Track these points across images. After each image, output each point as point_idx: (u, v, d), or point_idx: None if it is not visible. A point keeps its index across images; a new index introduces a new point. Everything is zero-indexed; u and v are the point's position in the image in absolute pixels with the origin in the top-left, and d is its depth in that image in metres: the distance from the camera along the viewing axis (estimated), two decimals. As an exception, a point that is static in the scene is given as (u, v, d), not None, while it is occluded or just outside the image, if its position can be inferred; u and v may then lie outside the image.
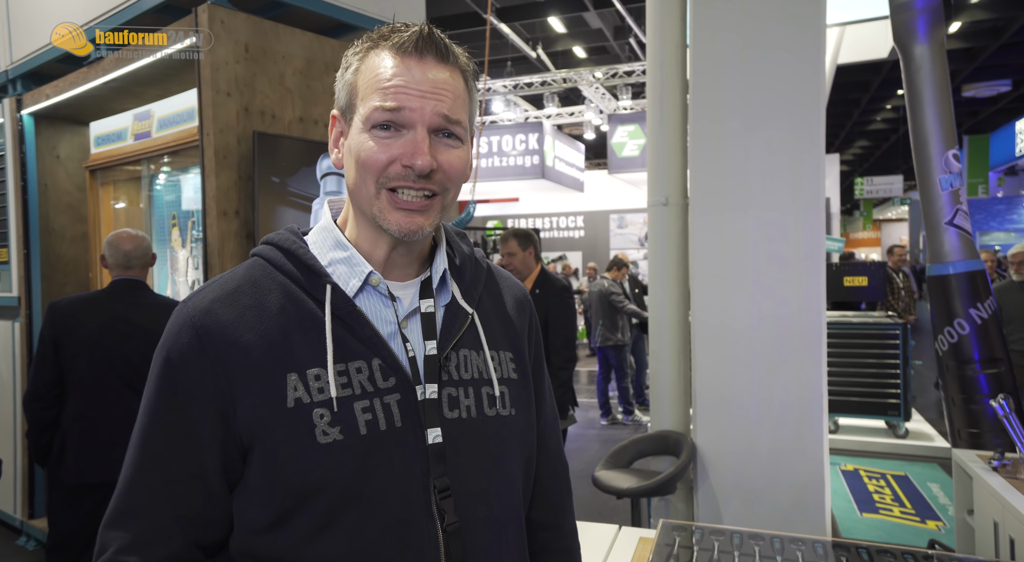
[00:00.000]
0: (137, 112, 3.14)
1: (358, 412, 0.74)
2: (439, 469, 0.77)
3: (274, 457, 0.72)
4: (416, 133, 0.74)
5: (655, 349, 3.01)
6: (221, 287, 0.77)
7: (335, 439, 0.72)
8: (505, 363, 0.87)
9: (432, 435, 0.77)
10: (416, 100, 0.73)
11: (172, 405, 0.73)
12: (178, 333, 0.75)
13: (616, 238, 13.88)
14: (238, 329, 0.74)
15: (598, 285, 6.46)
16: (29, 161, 3.54)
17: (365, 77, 0.76)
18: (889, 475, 4.73)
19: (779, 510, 2.62)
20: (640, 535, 1.53)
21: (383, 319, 0.80)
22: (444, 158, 0.76)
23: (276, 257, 0.80)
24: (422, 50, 0.74)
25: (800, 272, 2.56)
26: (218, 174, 2.34)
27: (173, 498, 0.73)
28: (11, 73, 3.56)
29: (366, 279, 0.79)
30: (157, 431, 0.74)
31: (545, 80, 11.98)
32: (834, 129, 18.40)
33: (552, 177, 11.54)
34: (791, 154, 2.56)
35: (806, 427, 2.59)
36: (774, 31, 2.55)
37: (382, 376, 0.76)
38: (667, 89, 2.88)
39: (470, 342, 0.84)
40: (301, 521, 0.72)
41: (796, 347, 2.58)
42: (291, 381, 0.73)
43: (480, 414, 0.81)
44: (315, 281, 0.78)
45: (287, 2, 2.58)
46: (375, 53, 0.76)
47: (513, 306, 0.93)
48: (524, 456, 0.88)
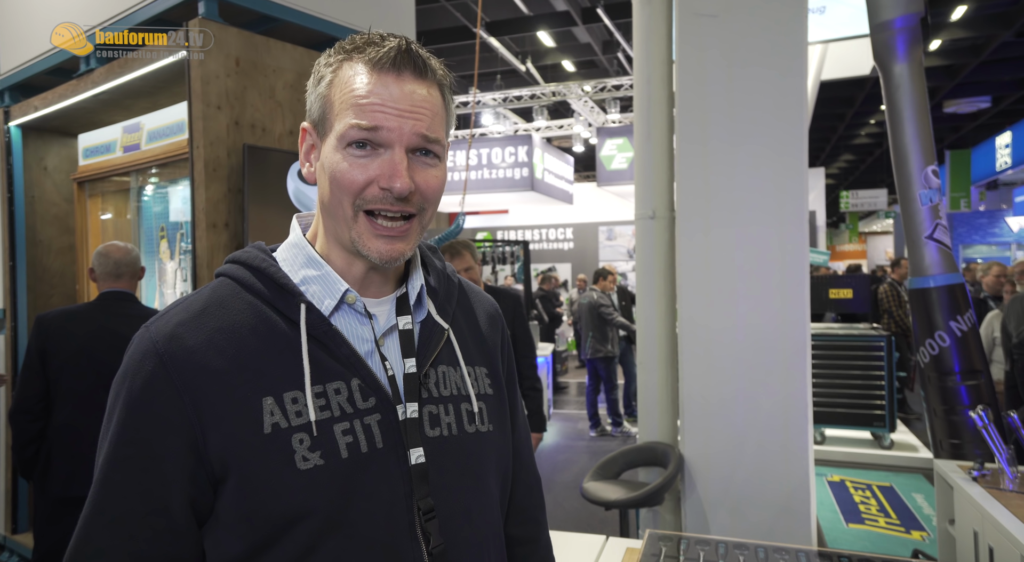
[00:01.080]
0: (126, 124, 3.14)
1: (338, 435, 0.71)
2: (423, 490, 0.74)
3: (250, 486, 0.68)
4: (394, 154, 0.71)
5: (643, 360, 3.04)
6: (186, 309, 0.73)
7: (316, 464, 0.69)
8: (481, 378, 0.86)
9: (415, 455, 0.75)
10: (394, 119, 0.70)
11: (133, 439, 0.69)
12: (140, 361, 0.70)
13: (605, 250, 13.96)
14: (207, 354, 0.69)
15: (587, 297, 6.48)
16: (16, 173, 3.52)
17: (340, 91, 0.72)
18: (875, 486, 4.76)
19: (765, 520, 2.64)
20: (627, 546, 1.54)
21: (360, 337, 0.77)
22: (421, 178, 0.73)
23: (244, 276, 0.76)
24: (400, 66, 0.71)
25: (784, 284, 2.60)
26: (208, 186, 2.34)
27: (132, 538, 0.68)
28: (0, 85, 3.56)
29: (342, 297, 0.76)
30: (116, 466, 0.69)
31: (534, 93, 12.07)
32: (819, 143, 18.63)
33: (541, 189, 11.60)
34: (775, 168, 2.61)
35: (791, 437, 2.62)
36: (758, 48, 2.61)
37: (362, 396, 0.73)
38: (654, 104, 2.93)
39: (447, 358, 0.82)
40: (281, 552, 0.68)
41: (781, 358, 2.62)
42: (267, 405, 0.69)
43: (461, 431, 0.79)
44: (288, 300, 0.74)
45: (278, 17, 2.61)
46: (349, 66, 0.73)
47: (485, 321, 0.91)
48: (501, 472, 0.86)
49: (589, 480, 2.84)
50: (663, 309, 2.93)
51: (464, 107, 12.12)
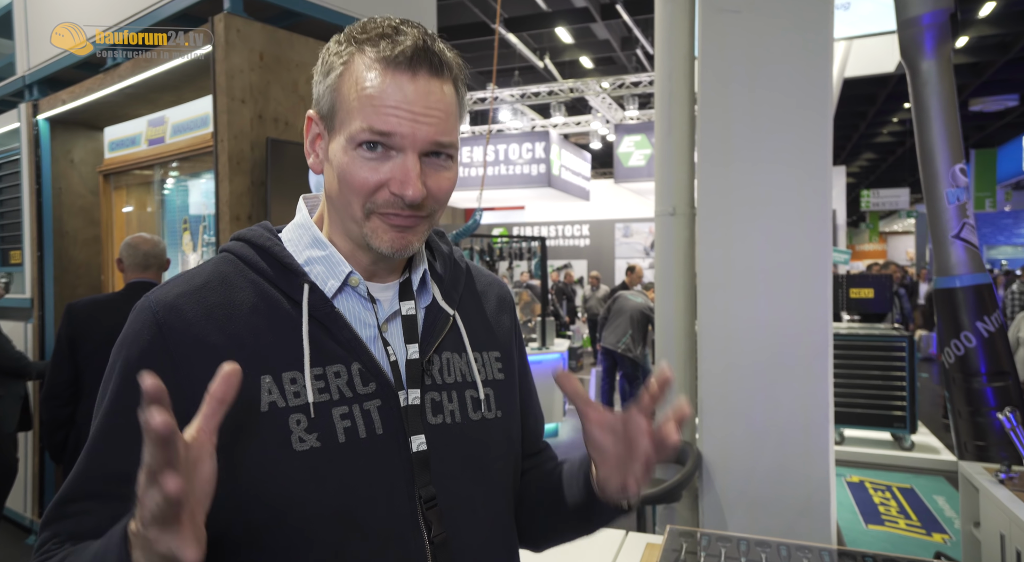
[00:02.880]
0: (151, 118, 3.18)
1: (336, 418, 0.69)
2: (424, 478, 0.73)
3: (245, 465, 0.66)
4: (407, 159, 0.69)
5: (661, 357, 3.03)
6: (187, 282, 0.72)
7: (312, 446, 0.67)
8: (490, 364, 0.84)
9: (416, 443, 0.73)
10: (408, 124, 0.68)
11: (127, 406, 0.67)
12: (139, 330, 0.69)
13: (621, 247, 13.91)
14: (205, 327, 0.68)
15: (637, 299, 6.46)
16: (44, 165, 3.58)
17: (351, 86, 0.69)
18: (895, 487, 4.71)
19: (784, 520, 2.62)
20: (647, 541, 1.54)
21: (363, 322, 0.75)
22: (434, 182, 0.71)
23: (248, 254, 0.75)
24: (416, 65, 0.68)
25: (807, 282, 2.57)
26: (231, 179, 2.37)
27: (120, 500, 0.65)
28: (28, 78, 3.62)
29: (345, 279, 0.75)
30: (111, 432, 0.68)
31: (552, 90, 12.05)
32: (840, 141, 18.42)
33: (558, 186, 11.59)
34: (798, 166, 2.58)
35: (812, 437, 2.60)
36: (782, 45, 2.58)
37: (362, 381, 0.72)
38: (675, 100, 2.91)
39: (452, 344, 0.81)
40: (277, 536, 0.67)
41: (802, 357, 2.59)
42: (265, 383, 0.68)
43: (465, 418, 0.78)
44: (291, 280, 0.73)
45: (301, 12, 2.63)
46: (361, 59, 0.69)
47: (495, 305, 0.90)
48: (511, 458, 0.84)
49: (606, 477, 2.84)
50: (682, 306, 2.91)
51: (482, 103, 12.13)
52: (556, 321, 9.47)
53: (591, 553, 1.52)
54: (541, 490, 0.88)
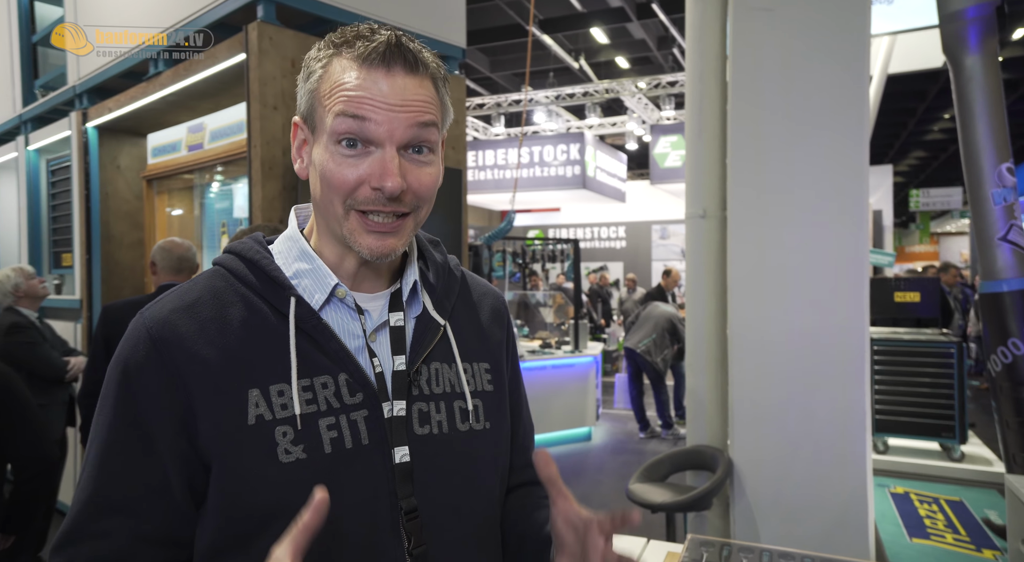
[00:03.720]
0: (191, 124, 3.29)
1: (323, 429, 0.70)
2: (406, 489, 0.73)
3: (232, 476, 0.68)
4: (385, 152, 0.69)
5: (692, 362, 2.98)
6: (180, 298, 0.73)
7: (298, 458, 0.68)
8: (480, 375, 0.84)
9: (399, 454, 0.73)
10: (383, 112, 0.68)
11: (130, 420, 0.69)
12: (135, 345, 0.70)
13: (658, 249, 13.75)
14: (197, 342, 0.70)
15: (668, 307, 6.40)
16: (92, 171, 3.73)
17: (328, 86, 0.71)
18: (942, 499, 4.52)
19: (820, 530, 2.55)
20: (668, 549, 1.52)
21: (350, 333, 0.76)
22: (414, 177, 0.71)
23: (238, 267, 0.76)
24: (390, 61, 0.69)
25: (842, 286, 2.50)
26: (264, 184, 2.43)
27: (135, 517, 0.68)
28: (78, 88, 3.77)
29: (332, 292, 0.76)
30: (116, 448, 0.69)
31: (587, 90, 11.99)
32: (887, 140, 17.85)
33: (593, 187, 11.52)
34: (833, 167, 2.51)
35: (848, 445, 2.52)
36: (816, 42, 2.52)
37: (349, 392, 0.73)
38: (706, 100, 2.87)
39: (442, 355, 0.81)
40: (261, 544, 0.66)
41: (838, 363, 2.52)
42: (252, 397, 0.69)
43: (452, 429, 0.78)
44: (278, 293, 0.74)
45: (332, 19, 2.67)
46: (338, 61, 0.71)
47: (489, 315, 0.89)
48: (499, 469, 0.84)
49: (635, 482, 2.81)
50: (713, 310, 2.86)
51: (516, 105, 12.15)
52: (591, 324, 9.42)
53: (611, 560, 1.51)
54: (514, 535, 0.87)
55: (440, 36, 3.05)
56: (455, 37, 3.12)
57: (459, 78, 3.13)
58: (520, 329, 7.28)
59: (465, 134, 3.07)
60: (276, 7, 2.50)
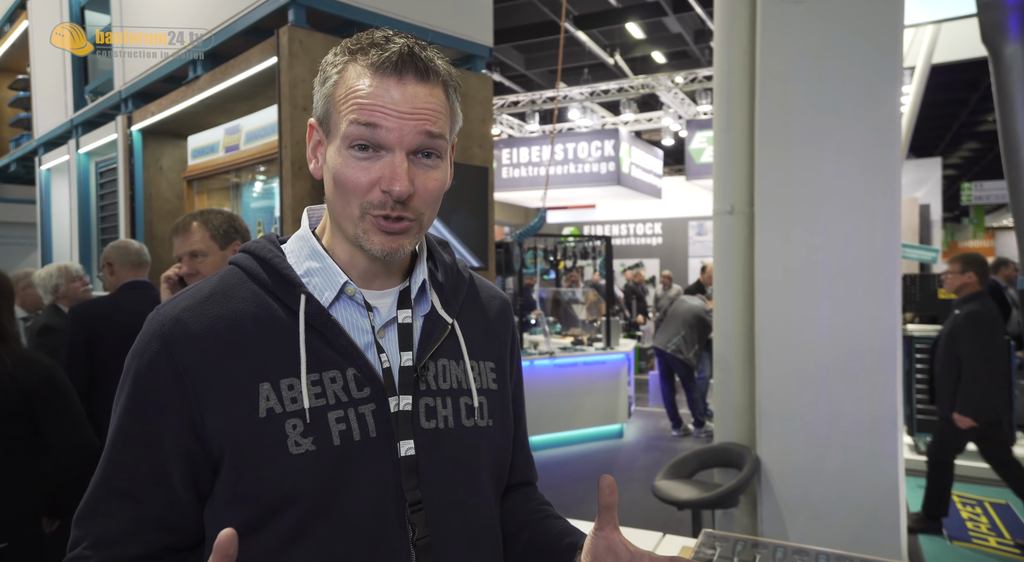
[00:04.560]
0: (228, 126, 3.40)
1: (332, 422, 0.73)
2: (411, 482, 0.76)
3: (244, 468, 0.71)
4: (395, 156, 0.72)
5: (719, 359, 2.96)
6: (193, 296, 0.77)
7: (307, 449, 0.71)
8: (485, 373, 0.86)
9: (404, 447, 0.76)
10: (394, 120, 0.72)
11: (139, 414, 0.74)
12: (148, 342, 0.75)
13: (695, 245, 13.57)
14: (207, 339, 0.73)
15: (693, 301, 6.30)
16: (137, 172, 3.89)
17: (343, 92, 0.74)
18: (987, 502, 4.38)
19: (850, 529, 2.51)
20: (683, 544, 1.52)
21: (359, 329, 0.79)
22: (420, 182, 0.74)
23: (251, 266, 0.79)
24: (402, 70, 0.72)
25: (873, 282, 2.46)
26: (294, 184, 2.50)
27: (137, 503, 0.73)
28: (124, 93, 3.93)
29: (341, 289, 0.78)
30: (125, 438, 0.74)
31: (622, 86, 11.90)
32: (937, 131, 17.22)
33: (628, 183, 11.44)
34: (863, 162, 2.47)
35: (879, 444, 2.48)
36: (847, 35, 2.47)
37: (357, 386, 0.75)
38: (734, 95, 2.84)
39: (450, 352, 0.83)
40: (271, 532, 0.71)
41: (868, 361, 2.48)
42: (263, 391, 0.72)
43: (457, 425, 0.80)
44: (289, 291, 0.77)
45: (360, 21, 2.73)
46: (353, 67, 0.74)
47: (495, 315, 0.92)
48: (499, 466, 0.87)
49: (661, 479, 2.81)
50: (741, 307, 2.83)
51: (550, 102, 12.13)
52: (625, 321, 9.36)
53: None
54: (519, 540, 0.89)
55: (467, 35, 3.09)
56: (482, 36, 3.15)
57: (486, 77, 3.16)
58: (553, 326, 7.29)
59: (492, 132, 3.10)
60: (306, 11, 2.57)
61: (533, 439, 5.90)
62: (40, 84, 5.24)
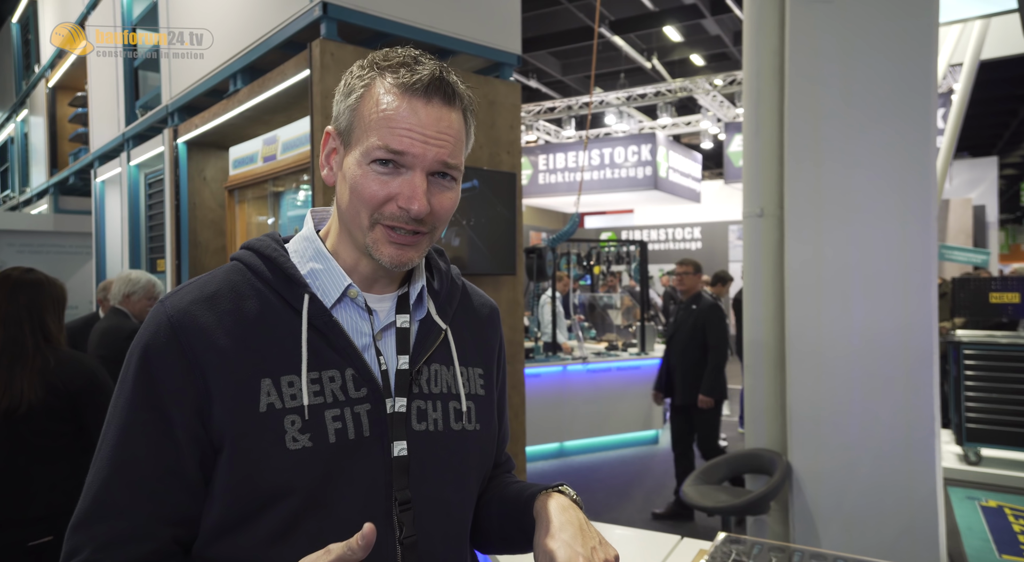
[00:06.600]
0: (266, 137, 3.51)
1: (328, 420, 0.75)
2: (402, 482, 0.78)
3: (242, 460, 0.72)
4: (415, 176, 0.75)
5: (749, 364, 2.92)
6: (200, 289, 0.78)
7: (304, 445, 0.73)
8: (474, 379, 0.89)
9: (398, 448, 0.78)
10: (419, 145, 0.74)
11: (151, 402, 0.73)
12: (156, 331, 0.75)
13: (736, 250, 13.33)
14: (215, 332, 0.74)
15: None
16: (182, 183, 4.05)
17: (369, 108, 0.76)
18: (1042, 516, 4.18)
19: (885, 538, 2.45)
20: (700, 546, 1.52)
21: (359, 331, 0.81)
22: (437, 200, 0.77)
23: (256, 263, 0.80)
24: (431, 93, 0.75)
25: (907, 285, 2.40)
26: (325, 192, 2.58)
27: (153, 497, 0.72)
28: (170, 107, 4.11)
29: (344, 291, 0.80)
30: (136, 429, 0.73)
31: (659, 90, 11.81)
32: (994, 129, 16.53)
33: (665, 188, 11.34)
34: (897, 163, 2.41)
35: (915, 452, 2.41)
36: (877, 34, 2.42)
37: (354, 386, 0.77)
38: (763, 97, 2.81)
39: (441, 357, 0.86)
40: (262, 524, 0.73)
41: (903, 365, 2.41)
42: (264, 386, 0.74)
43: (446, 428, 0.83)
44: (294, 290, 0.79)
45: (391, 33, 2.80)
46: (381, 84, 0.76)
47: (485, 323, 0.95)
48: (483, 469, 0.90)
49: (690, 484, 2.78)
50: (771, 311, 2.79)
51: (586, 108, 12.11)
52: (663, 326, 9.25)
53: (641, 557, 1.52)
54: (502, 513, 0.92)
55: (495, 43, 3.13)
56: (510, 44, 3.19)
57: (514, 84, 3.20)
58: (587, 331, 7.27)
59: (520, 139, 3.13)
60: (338, 24, 2.65)
61: (567, 444, 5.88)
62: (96, 100, 5.52)
